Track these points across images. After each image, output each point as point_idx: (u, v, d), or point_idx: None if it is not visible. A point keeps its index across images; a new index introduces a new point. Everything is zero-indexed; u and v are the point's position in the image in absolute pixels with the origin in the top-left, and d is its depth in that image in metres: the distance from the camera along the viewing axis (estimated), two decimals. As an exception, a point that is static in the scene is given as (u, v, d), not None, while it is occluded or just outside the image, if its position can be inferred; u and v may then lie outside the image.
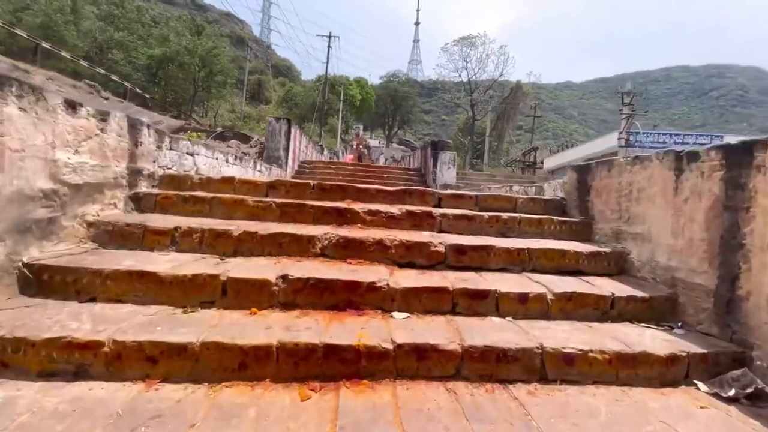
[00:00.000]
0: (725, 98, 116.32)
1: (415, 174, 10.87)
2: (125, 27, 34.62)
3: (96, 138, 2.59)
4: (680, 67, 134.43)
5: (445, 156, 9.45)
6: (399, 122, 64.75)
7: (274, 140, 8.91)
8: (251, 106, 48.13)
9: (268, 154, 8.90)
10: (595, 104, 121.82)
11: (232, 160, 5.32)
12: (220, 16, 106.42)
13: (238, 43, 77.51)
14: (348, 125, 56.26)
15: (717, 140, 21.68)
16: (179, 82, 35.18)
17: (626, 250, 2.84)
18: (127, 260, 2.24)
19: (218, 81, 36.29)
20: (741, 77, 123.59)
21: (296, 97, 47.25)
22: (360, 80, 55.87)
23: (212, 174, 4.54)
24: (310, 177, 9.62)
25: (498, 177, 11.22)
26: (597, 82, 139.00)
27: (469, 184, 9.94)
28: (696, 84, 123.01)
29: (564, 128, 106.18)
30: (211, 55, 34.91)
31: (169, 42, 33.61)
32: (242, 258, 2.49)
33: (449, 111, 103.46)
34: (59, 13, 30.33)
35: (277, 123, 8.93)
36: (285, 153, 8.93)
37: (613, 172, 3.02)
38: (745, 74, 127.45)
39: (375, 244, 2.60)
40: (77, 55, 32.03)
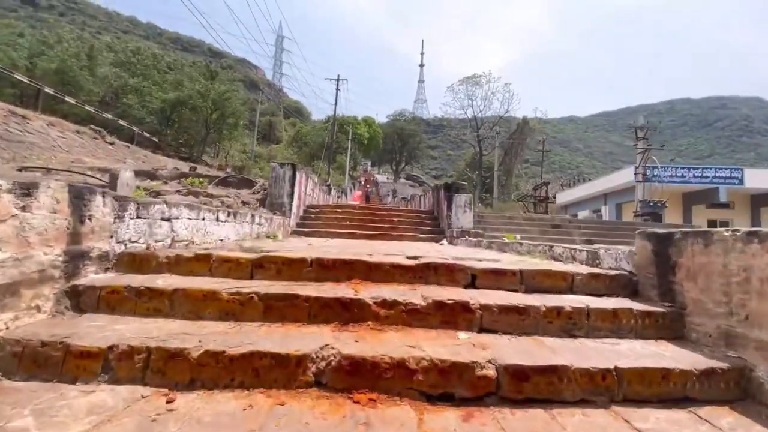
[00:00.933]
0: (730, 128, 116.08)
1: (427, 217, 10.13)
2: (141, 73, 35.73)
3: (11, 221, 1.88)
4: (682, 99, 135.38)
5: (461, 199, 8.73)
6: (406, 158, 65.15)
7: (278, 187, 8.30)
8: (262, 146, 48.74)
9: (271, 201, 8.27)
10: (600, 137, 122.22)
11: (224, 217, 4.63)
12: (234, 62, 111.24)
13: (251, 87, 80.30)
14: (356, 162, 56.57)
15: (737, 173, 20.79)
16: (192, 124, 35.79)
17: (749, 365, 1.98)
18: (26, 410, 1.46)
19: (230, 123, 36.86)
20: (744, 108, 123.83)
21: (306, 137, 47.81)
22: (368, 119, 56.74)
23: (197, 237, 3.83)
24: (314, 225, 8.92)
25: (517, 219, 10.40)
26: (601, 116, 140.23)
27: (487, 227, 9.15)
28: (700, 115, 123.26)
29: (570, 161, 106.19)
30: (223, 99, 35.64)
31: (183, 87, 34.46)
32: (199, 394, 1.69)
33: (455, 146, 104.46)
34: (74, 59, 31.40)
35: (281, 168, 8.36)
36: (289, 199, 8.29)
37: (714, 248, 2.21)
38: (748, 105, 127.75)
39: (394, 368, 1.79)
40: (92, 100, 33.02)
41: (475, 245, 6.47)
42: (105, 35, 59.92)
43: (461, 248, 5.61)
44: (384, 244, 5.99)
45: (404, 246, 6.26)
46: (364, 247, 5.05)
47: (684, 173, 21.23)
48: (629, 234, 9.69)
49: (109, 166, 10.15)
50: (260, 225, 6.09)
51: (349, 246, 5.06)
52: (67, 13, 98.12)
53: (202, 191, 8.32)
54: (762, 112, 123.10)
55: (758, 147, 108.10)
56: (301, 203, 9.31)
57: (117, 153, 13.51)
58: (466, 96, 41.80)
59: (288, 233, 7.99)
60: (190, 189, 8.19)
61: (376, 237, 8.45)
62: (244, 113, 38.66)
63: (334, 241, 6.83)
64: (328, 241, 7.04)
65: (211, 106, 35.01)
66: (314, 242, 6.36)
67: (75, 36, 36.48)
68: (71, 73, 30.71)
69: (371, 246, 5.25)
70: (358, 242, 6.71)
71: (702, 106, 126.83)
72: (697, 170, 21.25)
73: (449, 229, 8.60)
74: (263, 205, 8.27)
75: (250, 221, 5.55)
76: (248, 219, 5.48)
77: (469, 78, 41.28)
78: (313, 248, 4.12)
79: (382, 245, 5.63)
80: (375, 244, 6.20)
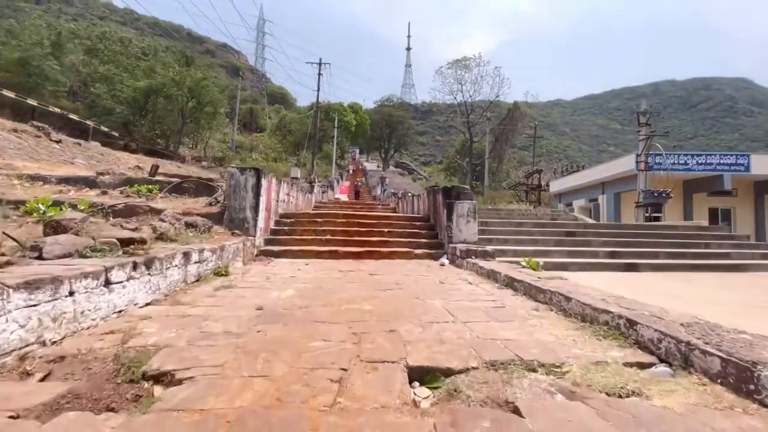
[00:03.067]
0: (714, 110, 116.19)
1: (422, 225, 8.54)
2: (110, 60, 32.95)
3: None
4: (667, 81, 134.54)
5: (463, 207, 7.15)
6: (395, 145, 63.20)
7: (238, 198, 6.61)
8: (244, 135, 46.30)
9: (230, 216, 6.58)
10: (586, 120, 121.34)
11: (124, 274, 2.99)
12: (216, 47, 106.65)
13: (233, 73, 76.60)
14: (343, 150, 54.49)
15: (743, 159, 19.59)
16: (167, 113, 33.32)
17: None
18: None
19: (207, 112, 34.48)
20: (728, 89, 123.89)
21: (290, 125, 45.46)
22: (354, 105, 54.49)
23: (51, 333, 2.21)
24: (287, 241, 7.28)
25: (526, 225, 8.83)
26: (587, 99, 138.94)
27: (493, 239, 7.63)
28: (684, 97, 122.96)
29: (557, 144, 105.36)
30: (200, 86, 33.17)
31: (156, 74, 31.85)
32: None
33: (443, 132, 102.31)
34: (38, 46, 28.58)
35: (242, 175, 6.64)
36: (253, 213, 6.62)
37: None
38: (732, 86, 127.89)
39: None
40: (59, 90, 30.26)
41: (490, 279, 4.93)
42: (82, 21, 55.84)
43: (475, 302, 4.06)
44: (367, 283, 4.41)
45: (397, 278, 4.69)
46: (343, 287, 3.44)
47: (687, 160, 19.96)
48: (656, 241, 8.27)
49: (42, 173, 8.32)
50: (203, 262, 4.44)
51: (323, 287, 3.43)
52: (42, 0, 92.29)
53: (143, 205, 6.58)
54: (747, 93, 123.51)
55: (742, 128, 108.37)
56: (270, 214, 7.64)
57: (64, 153, 11.55)
58: (455, 80, 39.86)
59: (252, 256, 6.35)
60: (128, 203, 6.45)
61: (363, 256, 6.88)
62: (222, 101, 36.24)
63: (306, 273, 5.23)
64: (299, 270, 5.44)
65: (187, 94, 32.56)
66: (279, 276, 4.74)
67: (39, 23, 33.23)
68: (35, 63, 27.94)
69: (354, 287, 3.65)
70: (337, 275, 5.12)
71: (686, 87, 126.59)
72: (700, 157, 19.98)
73: (450, 243, 7.05)
74: (221, 221, 6.59)
75: (181, 263, 3.91)
76: (177, 261, 3.82)
77: (458, 61, 39.25)
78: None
79: (363, 289, 4.05)
80: (358, 276, 4.62)
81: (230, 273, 4.90)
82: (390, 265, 6.24)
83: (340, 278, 4.88)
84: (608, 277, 6.41)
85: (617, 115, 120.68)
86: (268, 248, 6.86)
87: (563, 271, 6.62)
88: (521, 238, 7.83)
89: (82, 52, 33.48)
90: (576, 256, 7.20)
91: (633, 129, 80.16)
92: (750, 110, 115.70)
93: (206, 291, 3.84)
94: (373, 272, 5.44)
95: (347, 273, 5.35)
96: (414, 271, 5.67)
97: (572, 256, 7.21)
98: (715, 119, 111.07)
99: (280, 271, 5.29)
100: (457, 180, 48.96)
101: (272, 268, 5.62)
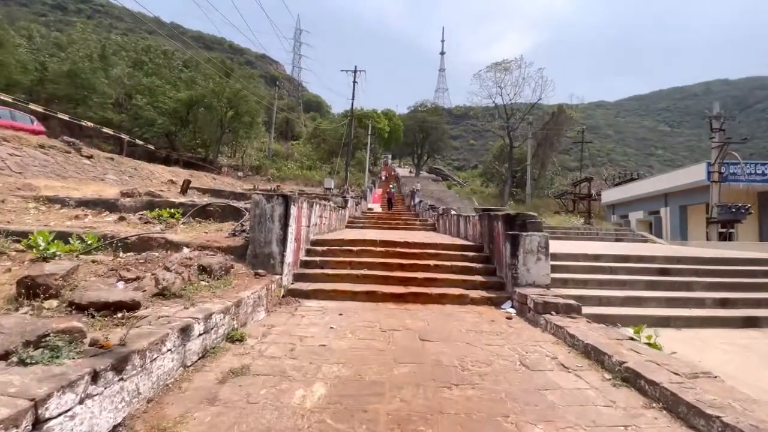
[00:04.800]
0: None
1: (475, 258, 7.20)
2: (153, 72, 33.77)
3: None
4: (720, 81, 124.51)
5: (532, 241, 5.78)
6: (428, 150, 61.65)
7: (264, 230, 5.59)
8: (280, 143, 46.50)
9: (254, 251, 5.58)
10: (632, 122, 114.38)
11: (86, 387, 1.96)
12: (255, 58, 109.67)
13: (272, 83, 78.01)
14: (376, 157, 53.72)
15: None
16: (207, 123, 33.72)
17: None
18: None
19: (245, 121, 34.62)
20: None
21: (324, 133, 45.16)
22: (388, 112, 53.60)
23: None
24: (319, 277, 6.18)
25: (606, 259, 7.25)
26: (632, 99, 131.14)
27: (567, 279, 6.17)
28: (739, 97, 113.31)
29: (600, 148, 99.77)
30: (238, 97, 33.35)
31: (197, 85, 32.33)
32: None
33: (477, 136, 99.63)
34: (87, 60, 29.58)
35: (268, 203, 5.61)
36: (280, 247, 5.58)
37: None
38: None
39: None
40: (106, 102, 31.22)
41: (592, 360, 3.56)
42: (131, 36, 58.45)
43: (598, 428, 2.73)
44: (423, 364, 3.18)
45: (458, 348, 3.43)
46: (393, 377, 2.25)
47: (765, 170, 17.33)
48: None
49: (60, 195, 7.74)
50: (210, 331, 3.39)
51: (363, 376, 2.26)
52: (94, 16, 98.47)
53: (159, 237, 5.72)
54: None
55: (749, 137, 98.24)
56: (301, 244, 6.59)
57: (95, 169, 11.16)
58: (495, 83, 37.94)
59: (278, 299, 5.31)
60: (141, 236, 5.59)
61: (408, 299, 5.68)
62: (259, 111, 36.29)
63: (341, 334, 4.10)
64: (332, 329, 4.31)
65: (226, 104, 32.80)
66: (306, 343, 3.60)
67: (88, 36, 34.64)
68: (83, 75, 28.94)
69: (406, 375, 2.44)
70: (379, 341, 3.94)
71: (741, 87, 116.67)
72: (784, 166, 17.29)
73: (515, 285, 5.70)
74: (244, 257, 5.61)
75: (177, 345, 2.86)
76: (171, 344, 2.78)
77: (498, 64, 37.32)
78: None
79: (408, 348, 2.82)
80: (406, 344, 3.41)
81: (247, 337, 3.83)
82: (443, 318, 4.99)
83: (383, 350, 3.69)
84: (728, 338, 4.85)
85: (666, 117, 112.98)
86: (296, 287, 5.79)
87: (665, 327, 5.12)
88: (602, 277, 6.32)
89: (128, 65, 34.57)
90: (677, 305, 5.64)
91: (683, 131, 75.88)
92: None
93: (206, 388, 2.76)
94: (424, 335, 4.23)
95: (392, 335, 4.16)
96: (477, 332, 4.39)
97: (672, 305, 5.65)
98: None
99: (308, 332, 4.17)
100: (494, 187, 46.78)
101: (299, 322, 4.52)
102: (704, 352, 4.28)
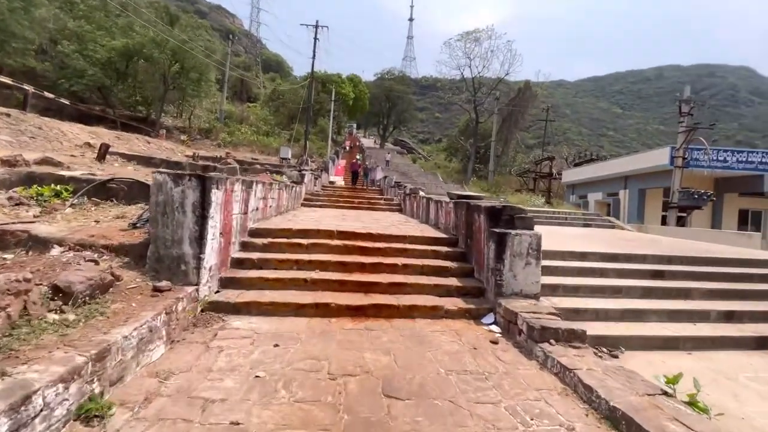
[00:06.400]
0: (716, 98, 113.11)
1: (450, 254, 6.01)
2: (83, 15, 28.90)
3: None
4: (672, 66, 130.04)
5: (521, 243, 4.65)
6: (395, 121, 59.66)
7: (171, 222, 4.01)
8: (235, 105, 42.61)
9: (156, 252, 4.01)
10: (587, 103, 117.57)
11: None
12: (210, 9, 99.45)
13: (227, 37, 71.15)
14: (340, 125, 51.10)
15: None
16: (148, 79, 29.69)
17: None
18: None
19: (192, 78, 30.85)
20: (731, 77, 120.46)
21: (284, 95, 41.83)
22: (353, 77, 50.62)
23: None
24: (255, 282, 4.73)
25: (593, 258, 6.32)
26: (590, 80, 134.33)
27: (558, 286, 5.16)
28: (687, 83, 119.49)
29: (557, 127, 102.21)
30: (184, 50, 29.44)
31: (134, 32, 28.06)
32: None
33: (443, 109, 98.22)
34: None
35: (177, 187, 3.99)
36: (196, 246, 4.04)
37: None
38: (736, 74, 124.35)
39: None
40: (27, 48, 26.42)
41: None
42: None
43: None
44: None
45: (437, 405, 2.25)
46: None
47: (727, 157, 17.51)
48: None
49: None
50: (34, 421, 1.93)
51: None
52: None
53: (20, 230, 3.99)
54: (749, 82, 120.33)
55: (741, 118, 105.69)
56: (232, 238, 5.07)
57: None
58: (464, 54, 36.35)
59: (191, 320, 3.86)
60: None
61: (369, 313, 4.44)
62: (209, 66, 32.47)
63: (275, 380, 2.76)
64: (264, 374, 2.96)
65: (170, 56, 28.86)
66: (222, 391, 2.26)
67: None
68: (1, 17, 24.02)
69: None
70: (329, 393, 2.66)
71: (691, 73, 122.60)
72: (741, 154, 17.53)
73: (499, 295, 4.60)
74: (144, 259, 4.05)
75: None
76: None
77: (469, 33, 35.61)
78: None
79: None
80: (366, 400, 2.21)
81: (116, 408, 2.41)
82: (414, 345, 3.79)
83: (329, 429, 2.42)
84: (751, 370, 4.05)
85: (619, 99, 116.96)
86: (222, 297, 4.35)
87: (674, 350, 4.26)
88: (593, 283, 5.37)
89: (56, 6, 29.30)
90: (680, 319, 4.82)
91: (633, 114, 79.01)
92: (751, 100, 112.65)
93: None
94: (389, 384, 3.00)
95: (345, 387, 2.89)
96: (461, 375, 3.23)
97: (675, 318, 4.82)
98: (716, 107, 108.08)
99: (220, 388, 2.80)
100: (457, 162, 46.10)
101: (213, 364, 3.13)
102: (740, 398, 3.41)
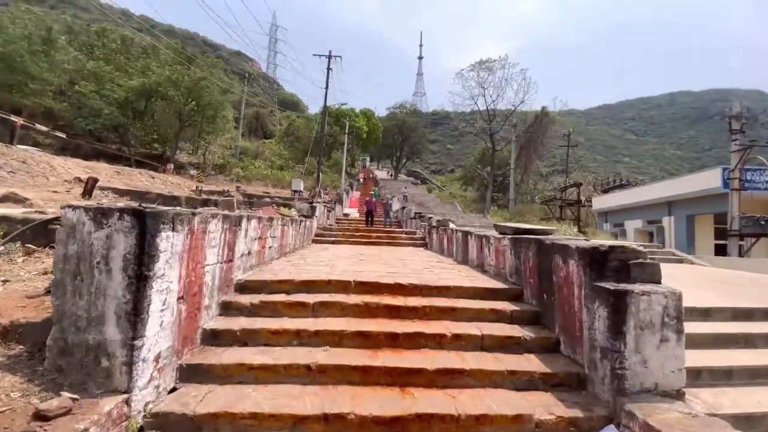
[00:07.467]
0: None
1: (515, 314, 4.22)
2: (105, 57, 29.28)
3: None
4: (683, 92, 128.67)
5: (652, 306, 2.88)
6: (408, 153, 58.97)
7: (88, 289, 2.40)
8: (251, 141, 42.49)
9: (62, 340, 2.38)
10: (600, 130, 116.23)
11: None
12: (230, 55, 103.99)
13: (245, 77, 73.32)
14: (354, 158, 50.48)
15: None
16: (164, 117, 29.54)
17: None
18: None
19: (208, 115, 30.61)
20: (744, 100, 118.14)
21: (299, 130, 41.53)
22: (366, 111, 50.51)
23: None
24: (225, 381, 3.03)
25: (722, 318, 4.45)
26: (601, 108, 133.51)
27: (701, 370, 3.36)
28: (701, 108, 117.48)
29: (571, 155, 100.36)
30: (199, 87, 29.37)
31: (150, 72, 28.13)
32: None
33: (454, 140, 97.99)
34: (25, 41, 24.96)
35: (98, 230, 2.46)
36: (128, 328, 2.40)
37: None
38: (748, 97, 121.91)
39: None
40: (45, 90, 26.68)
41: None
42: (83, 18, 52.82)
43: None
44: None
45: None
46: None
47: (788, 177, 15.44)
48: None
49: None
50: None
51: None
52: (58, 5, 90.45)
53: None
54: (762, 104, 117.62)
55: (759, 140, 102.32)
56: (203, 301, 3.41)
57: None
58: (477, 84, 35.61)
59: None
60: None
61: (411, 431, 2.60)
62: (224, 103, 32.33)
63: None
64: None
65: (185, 94, 28.74)
66: None
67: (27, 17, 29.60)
68: (19, 59, 24.32)
69: None
70: None
71: (703, 98, 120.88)
72: (805, 173, 15.45)
73: (620, 393, 2.76)
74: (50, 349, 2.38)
75: None
76: None
77: (482, 63, 35.04)
78: None
79: None
80: None
81: None
82: None
83: None
84: None
85: (632, 126, 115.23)
86: (176, 406, 2.63)
87: None
88: (744, 361, 3.50)
89: (76, 49, 29.92)
90: None
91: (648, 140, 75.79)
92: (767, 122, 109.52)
93: None
94: None
95: None
96: None
97: None
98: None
99: None
100: (473, 191, 44.43)
101: None
102: None
